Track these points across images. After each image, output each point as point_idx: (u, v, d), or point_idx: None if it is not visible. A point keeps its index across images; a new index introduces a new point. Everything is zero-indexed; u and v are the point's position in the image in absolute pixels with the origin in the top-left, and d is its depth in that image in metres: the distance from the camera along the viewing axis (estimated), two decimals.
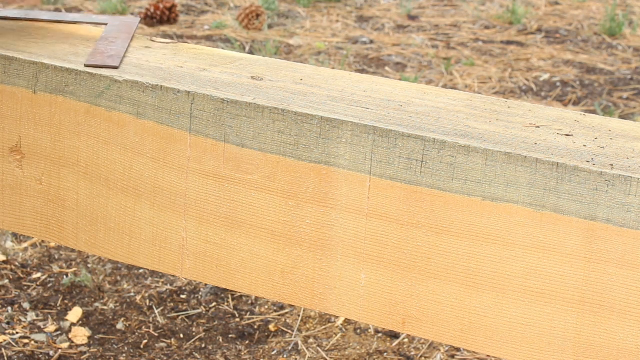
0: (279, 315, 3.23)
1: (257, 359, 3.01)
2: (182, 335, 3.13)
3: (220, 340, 3.11)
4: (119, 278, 3.42)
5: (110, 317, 3.21)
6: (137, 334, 3.13)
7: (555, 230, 0.93)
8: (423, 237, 0.97)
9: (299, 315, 3.20)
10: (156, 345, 3.09)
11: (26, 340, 3.08)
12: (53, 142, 1.13)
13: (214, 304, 3.29)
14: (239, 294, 3.34)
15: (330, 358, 3.01)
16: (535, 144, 0.96)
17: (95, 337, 3.11)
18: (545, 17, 6.54)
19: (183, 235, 1.08)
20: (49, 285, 3.37)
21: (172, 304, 3.29)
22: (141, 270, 3.48)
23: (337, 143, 0.99)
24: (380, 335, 3.12)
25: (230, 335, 3.14)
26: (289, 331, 3.14)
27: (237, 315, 3.23)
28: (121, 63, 1.15)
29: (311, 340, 3.10)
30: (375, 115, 1.01)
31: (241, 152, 1.04)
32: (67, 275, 3.41)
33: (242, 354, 3.05)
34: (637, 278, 0.91)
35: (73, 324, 3.16)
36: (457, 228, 0.96)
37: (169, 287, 3.36)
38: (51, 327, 3.15)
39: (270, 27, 6.10)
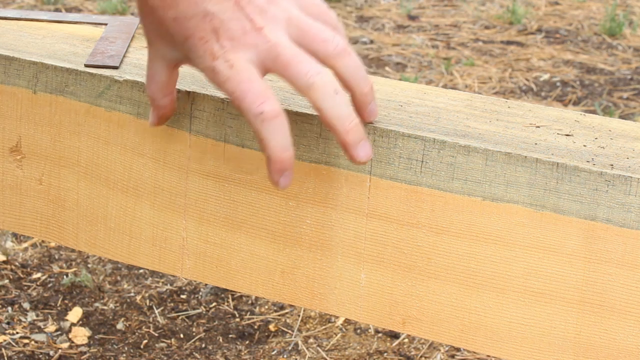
0: (279, 315, 3.23)
1: (257, 359, 3.01)
2: (182, 335, 3.13)
3: (220, 340, 3.11)
4: (119, 278, 3.41)
5: (110, 317, 3.21)
6: (137, 334, 3.13)
7: (555, 230, 0.93)
8: (423, 237, 0.97)
9: (299, 315, 3.20)
10: (156, 345, 3.08)
11: (26, 340, 3.08)
12: (53, 142, 1.13)
13: (214, 304, 3.28)
14: (239, 294, 3.33)
15: (330, 358, 3.01)
16: (535, 144, 0.95)
17: (95, 337, 3.11)
18: (545, 17, 6.53)
19: (183, 235, 1.08)
20: (49, 285, 3.37)
21: (172, 304, 3.28)
22: (141, 270, 3.48)
23: (337, 143, 0.99)
24: (380, 335, 3.11)
25: (230, 335, 3.13)
26: (289, 331, 3.14)
27: (237, 315, 3.22)
28: (121, 63, 1.15)
29: (311, 340, 3.10)
30: None
31: (241, 152, 1.04)
32: (67, 275, 3.41)
33: (242, 354, 3.04)
34: (637, 278, 0.90)
35: (73, 324, 3.16)
36: (457, 228, 0.96)
37: (169, 287, 3.36)
38: (51, 327, 3.15)
39: None
